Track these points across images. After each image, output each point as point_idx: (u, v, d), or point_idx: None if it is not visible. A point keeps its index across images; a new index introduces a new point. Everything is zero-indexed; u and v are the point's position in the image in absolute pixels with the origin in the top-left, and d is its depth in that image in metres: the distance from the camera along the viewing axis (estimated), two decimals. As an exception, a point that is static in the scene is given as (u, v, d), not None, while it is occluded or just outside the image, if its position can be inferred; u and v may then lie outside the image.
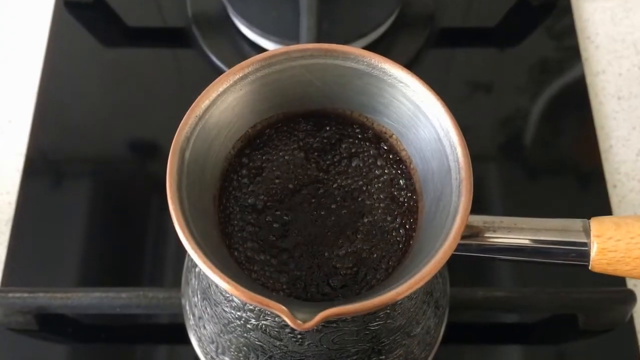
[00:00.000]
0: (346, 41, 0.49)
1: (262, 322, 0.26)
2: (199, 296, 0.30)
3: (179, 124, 0.23)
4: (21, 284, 0.42)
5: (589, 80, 0.52)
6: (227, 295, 0.26)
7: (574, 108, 0.50)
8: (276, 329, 0.26)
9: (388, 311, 0.26)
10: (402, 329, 0.28)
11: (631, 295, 0.39)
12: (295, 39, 0.47)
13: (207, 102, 0.24)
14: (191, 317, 0.32)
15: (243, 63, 0.24)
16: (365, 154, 0.27)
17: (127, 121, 0.50)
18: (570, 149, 0.49)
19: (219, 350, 0.30)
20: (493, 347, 0.43)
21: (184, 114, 0.44)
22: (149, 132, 0.50)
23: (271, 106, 0.26)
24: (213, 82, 0.24)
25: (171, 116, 0.48)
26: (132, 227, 0.45)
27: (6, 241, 0.45)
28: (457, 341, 0.42)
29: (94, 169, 0.49)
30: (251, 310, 0.26)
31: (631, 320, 0.43)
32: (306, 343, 0.26)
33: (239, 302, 0.26)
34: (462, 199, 0.22)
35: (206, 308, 0.29)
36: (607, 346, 0.43)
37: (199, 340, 0.31)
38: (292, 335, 0.26)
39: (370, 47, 0.51)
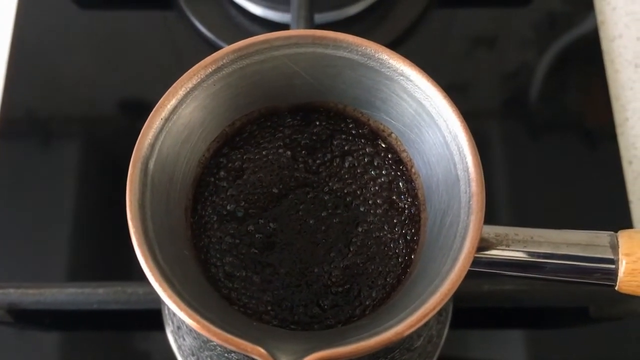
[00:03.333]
0: (341, 4, 0.45)
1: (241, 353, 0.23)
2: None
3: (161, 85, 0.19)
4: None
5: (605, 46, 0.48)
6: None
7: (586, 71, 0.47)
8: (259, 355, 0.23)
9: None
10: (402, 345, 0.25)
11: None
12: (286, 3, 0.43)
13: (173, 102, 0.20)
14: (170, 323, 0.29)
15: (216, 54, 0.20)
16: (360, 152, 0.24)
17: (107, 83, 0.47)
18: (581, 116, 0.46)
19: (200, 363, 0.27)
20: (500, 332, 0.41)
21: (167, 77, 0.40)
22: (130, 94, 0.46)
23: (251, 101, 0.22)
24: (180, 78, 0.20)
25: (153, 77, 0.46)
26: (116, 213, 0.42)
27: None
28: (465, 326, 0.40)
29: (74, 136, 0.45)
30: None
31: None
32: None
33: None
34: (473, 217, 0.19)
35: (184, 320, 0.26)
36: (617, 332, 0.41)
37: (179, 348, 0.29)
38: None
39: (368, 11, 0.47)
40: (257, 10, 0.46)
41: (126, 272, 0.40)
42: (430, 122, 0.21)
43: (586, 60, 0.47)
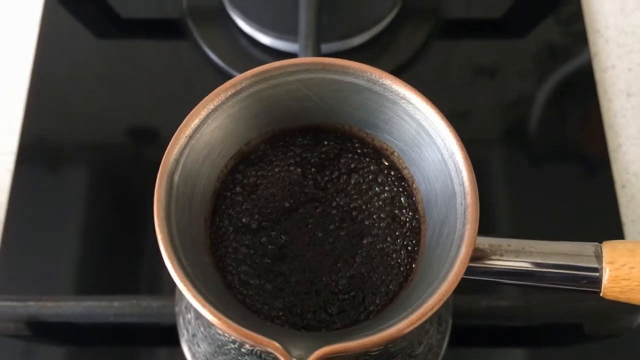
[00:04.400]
0: (346, 35, 0.48)
1: (257, 347, 0.24)
2: (192, 314, 0.29)
3: (173, 112, 0.21)
4: (12, 289, 0.41)
5: (598, 76, 0.50)
6: (222, 342, 0.25)
7: (581, 101, 0.49)
8: (272, 355, 0.24)
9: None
10: (404, 351, 0.27)
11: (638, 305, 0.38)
12: (294, 34, 0.46)
13: (197, 121, 0.22)
14: (185, 332, 0.30)
15: (235, 79, 0.22)
16: (365, 170, 0.26)
17: (121, 112, 0.49)
18: (576, 144, 0.48)
19: (215, 370, 0.28)
20: (497, 351, 0.42)
21: (178, 105, 0.42)
22: (143, 122, 0.49)
23: (266, 122, 0.24)
24: (203, 100, 0.22)
25: (165, 105, 0.48)
26: (126, 232, 0.44)
27: (-3, 244, 0.44)
28: (462, 344, 0.41)
29: (88, 162, 0.47)
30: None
31: (638, 326, 0.42)
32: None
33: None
34: (468, 226, 0.21)
35: (200, 327, 0.28)
36: (613, 350, 0.42)
37: (193, 356, 0.30)
38: (288, 362, 0.25)
39: (372, 41, 0.49)
40: (266, 40, 0.48)
41: (136, 288, 0.42)
42: (429, 141, 0.23)
43: (581, 90, 0.50)
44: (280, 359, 0.19)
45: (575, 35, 0.51)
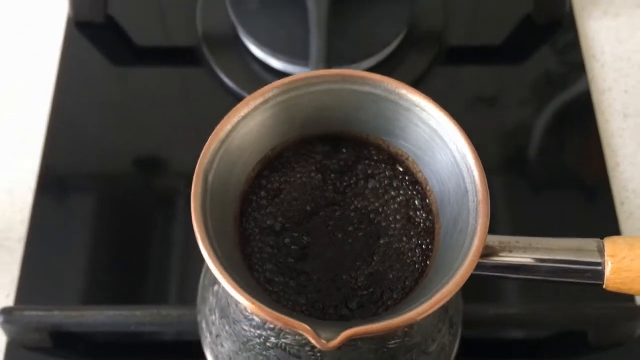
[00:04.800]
0: (355, 60, 0.50)
1: (282, 340, 0.26)
2: (216, 314, 0.30)
3: (188, 142, 0.23)
4: (35, 301, 0.43)
5: (595, 98, 0.52)
6: (247, 313, 0.27)
7: (579, 123, 0.51)
8: (296, 347, 0.26)
9: (407, 329, 0.26)
10: (419, 347, 0.28)
11: (637, 312, 0.39)
12: (305, 59, 0.48)
13: (229, 127, 0.24)
14: (208, 335, 0.32)
15: (264, 88, 0.25)
16: (381, 175, 0.28)
17: (136, 139, 0.51)
18: (576, 165, 0.50)
19: (238, 368, 0.30)
20: None
21: (194, 132, 0.44)
22: (160, 150, 0.50)
23: (290, 129, 0.26)
24: (235, 107, 0.24)
25: (181, 134, 0.50)
26: (141, 243, 0.46)
27: (19, 259, 0.45)
28: (469, 356, 0.42)
29: (105, 187, 0.49)
30: (271, 329, 0.26)
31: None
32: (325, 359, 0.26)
33: (259, 320, 0.26)
34: (480, 220, 0.22)
35: (224, 326, 0.29)
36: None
37: (216, 358, 0.32)
38: (311, 353, 0.26)
39: (379, 66, 0.52)
40: (278, 65, 0.51)
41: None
42: (442, 145, 0.25)
43: (579, 113, 0.52)
44: (309, 340, 0.21)
45: (572, 64, 0.54)
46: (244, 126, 0.25)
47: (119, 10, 0.55)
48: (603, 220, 0.47)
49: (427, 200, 0.27)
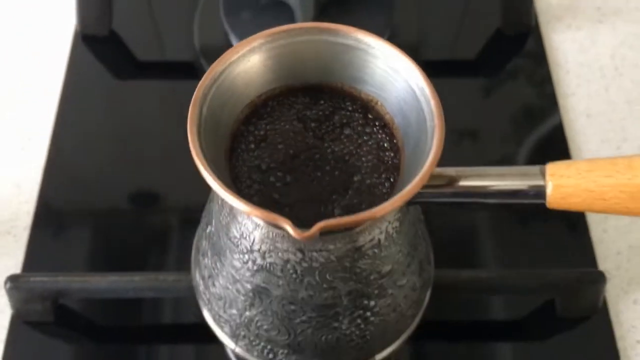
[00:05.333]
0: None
1: (267, 260, 0.29)
2: (209, 255, 0.33)
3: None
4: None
5: (560, 101, 0.57)
6: (236, 240, 0.30)
7: (545, 123, 0.55)
8: (280, 266, 0.29)
9: (375, 250, 0.30)
10: (389, 276, 0.31)
11: (601, 276, 0.43)
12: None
13: (220, 68, 0.28)
14: (201, 282, 0.35)
15: (251, 37, 0.29)
16: (355, 124, 0.32)
17: (136, 149, 0.54)
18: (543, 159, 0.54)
19: (227, 305, 0.33)
20: (476, 344, 0.46)
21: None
22: (161, 155, 0.54)
23: (275, 78, 0.30)
24: (225, 53, 0.28)
25: (180, 141, 0.53)
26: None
27: (24, 245, 0.48)
28: (440, 338, 0.45)
29: (99, 218, 0.51)
30: (257, 251, 0.29)
31: (606, 309, 0.47)
32: (305, 280, 0.30)
33: (247, 244, 0.30)
34: (436, 136, 0.26)
35: (216, 263, 0.33)
36: (585, 335, 0.46)
37: (209, 304, 0.35)
38: (292, 272, 0.29)
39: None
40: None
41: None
42: (403, 84, 0.29)
43: (543, 114, 0.56)
44: (289, 233, 0.24)
45: (539, 72, 0.58)
46: (234, 70, 0.29)
47: (122, 25, 0.60)
48: (581, 256, 0.49)
49: (394, 141, 0.30)
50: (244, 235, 0.29)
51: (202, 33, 0.59)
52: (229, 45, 0.57)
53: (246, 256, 0.30)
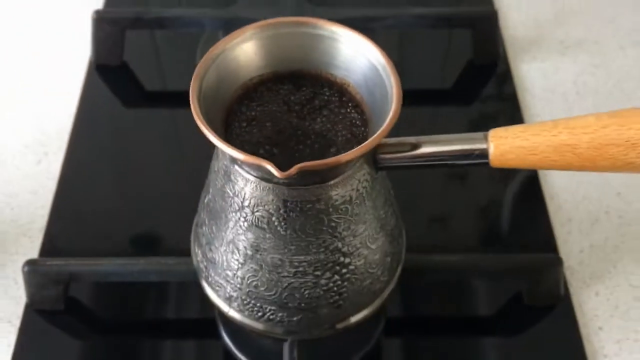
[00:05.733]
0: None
1: (256, 214, 0.34)
2: (207, 223, 0.38)
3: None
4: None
5: (527, 122, 0.63)
6: (230, 199, 0.35)
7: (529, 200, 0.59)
8: (266, 219, 0.34)
9: (348, 207, 0.35)
10: (361, 236, 0.36)
11: (559, 260, 0.48)
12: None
13: (217, 51, 0.34)
14: (199, 252, 0.40)
15: (244, 28, 0.35)
16: (332, 106, 0.37)
17: (143, 169, 0.59)
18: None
19: (221, 267, 0.38)
20: (449, 336, 0.50)
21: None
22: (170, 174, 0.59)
23: (264, 64, 0.36)
24: (221, 40, 0.34)
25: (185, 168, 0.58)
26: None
27: (39, 245, 0.53)
28: (411, 330, 0.50)
29: (107, 221, 0.55)
30: (247, 206, 0.34)
31: (569, 300, 0.51)
32: (288, 233, 0.35)
33: (239, 201, 0.35)
34: (395, 100, 0.32)
35: (212, 228, 0.38)
36: (551, 323, 0.51)
37: (206, 270, 0.40)
38: (277, 224, 0.34)
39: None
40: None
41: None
42: (369, 64, 0.34)
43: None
44: (272, 173, 0.30)
45: (508, 96, 0.64)
46: (229, 54, 0.34)
47: (132, 57, 0.67)
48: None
49: (364, 117, 0.36)
50: (236, 193, 0.35)
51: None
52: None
53: (238, 214, 0.35)
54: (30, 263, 0.47)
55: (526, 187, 0.58)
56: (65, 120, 0.62)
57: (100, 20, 0.61)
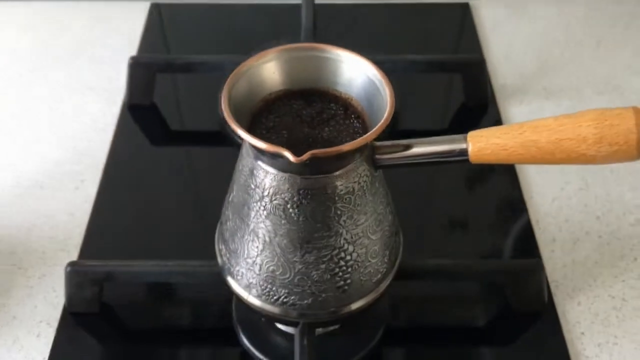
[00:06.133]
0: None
1: (274, 202, 0.41)
2: (230, 218, 0.45)
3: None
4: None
5: (519, 170, 0.69)
6: (251, 190, 0.42)
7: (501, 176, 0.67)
8: (282, 207, 0.41)
9: (351, 197, 0.41)
10: (362, 226, 0.43)
11: (540, 263, 0.54)
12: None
13: (244, 69, 0.42)
14: (223, 247, 0.46)
15: (265, 51, 0.42)
16: (338, 117, 0.44)
17: (166, 208, 0.65)
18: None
19: (242, 256, 0.44)
20: (441, 344, 0.55)
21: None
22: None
23: (281, 82, 0.43)
24: (248, 59, 0.42)
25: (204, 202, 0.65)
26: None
27: (76, 258, 0.60)
28: (405, 340, 0.55)
29: (137, 237, 0.62)
30: (267, 196, 0.41)
31: (554, 309, 0.57)
32: (300, 219, 0.41)
33: (259, 192, 0.41)
34: (388, 104, 0.39)
35: (235, 221, 0.44)
36: (537, 329, 0.56)
37: (228, 262, 0.46)
38: (292, 211, 0.41)
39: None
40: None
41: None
42: (368, 81, 0.42)
43: (503, 177, 0.68)
44: (288, 159, 0.36)
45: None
46: (254, 70, 0.42)
47: (161, 98, 0.75)
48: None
49: (364, 125, 0.43)
50: (257, 184, 0.41)
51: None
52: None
53: (258, 204, 0.42)
54: (71, 264, 0.53)
55: (514, 212, 0.65)
56: (100, 153, 0.69)
57: (136, 65, 0.70)
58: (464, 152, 0.40)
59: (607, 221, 0.64)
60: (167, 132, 0.75)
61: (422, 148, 0.41)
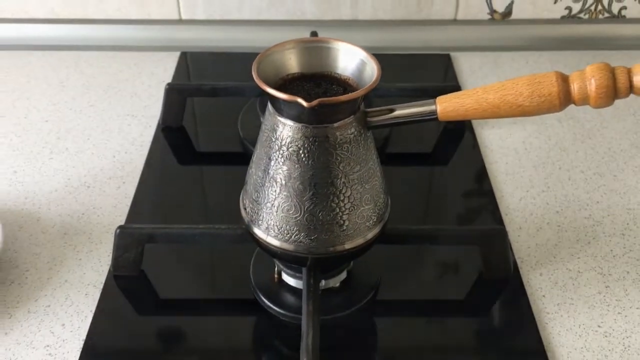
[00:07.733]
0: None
1: (290, 150, 0.53)
2: (254, 172, 0.57)
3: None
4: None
5: (488, 167, 0.82)
6: (271, 142, 0.54)
7: (477, 184, 0.80)
8: (296, 153, 0.53)
9: (348, 146, 0.53)
10: (357, 174, 0.55)
11: (504, 230, 0.66)
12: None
13: (268, 53, 0.55)
14: (247, 203, 0.58)
15: (283, 42, 0.56)
16: (338, 95, 0.58)
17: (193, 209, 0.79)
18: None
19: (263, 202, 0.56)
20: (424, 320, 0.66)
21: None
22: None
23: (296, 65, 0.57)
24: (271, 46, 0.56)
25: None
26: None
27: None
28: (390, 311, 0.66)
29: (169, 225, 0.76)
30: (284, 145, 0.53)
31: (520, 279, 0.68)
32: (310, 162, 0.53)
33: (278, 142, 0.54)
34: (375, 75, 0.52)
35: (258, 173, 0.56)
36: (506, 292, 0.67)
37: (252, 212, 0.58)
38: (303, 156, 0.53)
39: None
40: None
41: None
42: (360, 62, 0.55)
43: (479, 179, 0.81)
44: (301, 104, 0.49)
45: (474, 156, 0.85)
46: (275, 55, 0.55)
47: (188, 121, 0.88)
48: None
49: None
50: (277, 136, 0.54)
51: (243, 128, 0.87)
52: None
53: (277, 152, 0.54)
54: (121, 227, 0.65)
55: (487, 208, 0.77)
56: (139, 163, 0.82)
57: (171, 90, 0.84)
58: (433, 112, 0.53)
59: (565, 214, 0.76)
60: (193, 151, 0.88)
61: (402, 111, 0.55)
